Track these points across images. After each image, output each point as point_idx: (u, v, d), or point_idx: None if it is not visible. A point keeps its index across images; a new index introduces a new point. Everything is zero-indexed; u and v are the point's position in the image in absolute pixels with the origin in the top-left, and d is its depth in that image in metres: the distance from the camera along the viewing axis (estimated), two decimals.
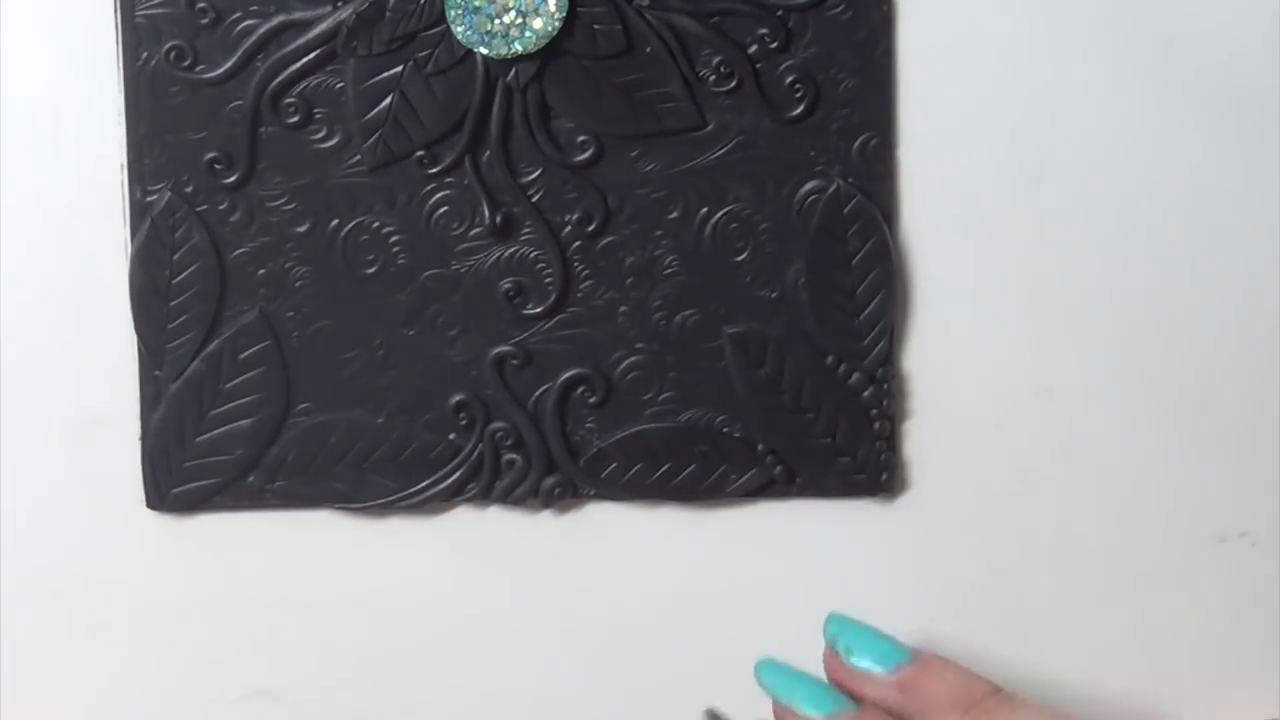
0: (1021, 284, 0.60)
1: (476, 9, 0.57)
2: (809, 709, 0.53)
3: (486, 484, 0.60)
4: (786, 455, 0.60)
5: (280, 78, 0.58)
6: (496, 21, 0.57)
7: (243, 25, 0.58)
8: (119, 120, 0.58)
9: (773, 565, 0.61)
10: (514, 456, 0.60)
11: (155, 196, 0.59)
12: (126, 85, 0.58)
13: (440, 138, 0.58)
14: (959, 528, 0.61)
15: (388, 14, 0.57)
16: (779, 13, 0.58)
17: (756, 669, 0.54)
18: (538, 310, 0.59)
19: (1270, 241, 0.60)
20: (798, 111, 0.59)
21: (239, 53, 0.58)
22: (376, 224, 0.59)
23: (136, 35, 0.58)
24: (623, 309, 0.60)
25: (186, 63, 0.58)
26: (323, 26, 0.58)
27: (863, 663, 0.54)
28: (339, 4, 0.58)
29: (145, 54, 0.58)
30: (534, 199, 0.59)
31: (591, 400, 0.60)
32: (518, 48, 0.57)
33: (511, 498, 0.60)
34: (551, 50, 0.57)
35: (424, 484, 0.60)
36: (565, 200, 0.59)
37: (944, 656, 0.53)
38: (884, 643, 0.54)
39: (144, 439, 0.59)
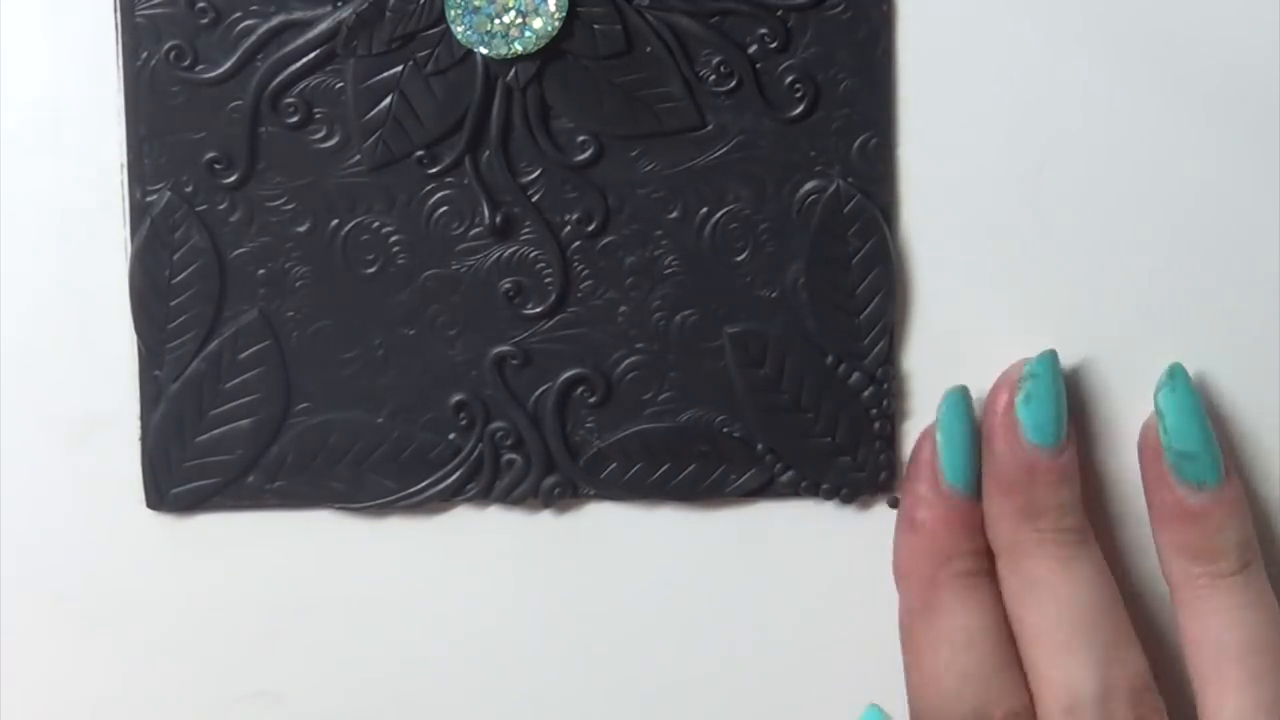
0: (1022, 284, 0.60)
1: (476, 9, 0.57)
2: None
3: (486, 484, 0.60)
4: (786, 455, 0.60)
5: (280, 78, 0.58)
6: (496, 21, 0.57)
7: (243, 25, 0.58)
8: (119, 120, 0.58)
9: (773, 565, 0.61)
10: (514, 456, 0.60)
11: (155, 196, 0.59)
12: (126, 85, 0.58)
13: (440, 138, 0.58)
14: None
15: (388, 14, 0.57)
16: (779, 13, 0.58)
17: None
18: (538, 310, 0.59)
19: (1271, 241, 0.60)
20: (798, 111, 0.59)
21: (239, 53, 0.58)
22: (376, 224, 0.59)
23: (136, 35, 0.58)
24: (623, 309, 0.60)
25: (186, 63, 0.58)
26: (323, 26, 0.58)
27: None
28: (339, 4, 0.58)
29: (145, 54, 0.58)
30: (534, 199, 0.59)
31: (591, 400, 0.60)
32: (518, 48, 0.57)
33: (511, 498, 0.60)
34: (551, 50, 0.58)
35: (424, 484, 0.60)
36: (565, 200, 0.59)
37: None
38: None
39: (144, 439, 0.59)
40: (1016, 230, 0.60)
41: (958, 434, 0.56)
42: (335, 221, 0.59)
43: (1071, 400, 0.60)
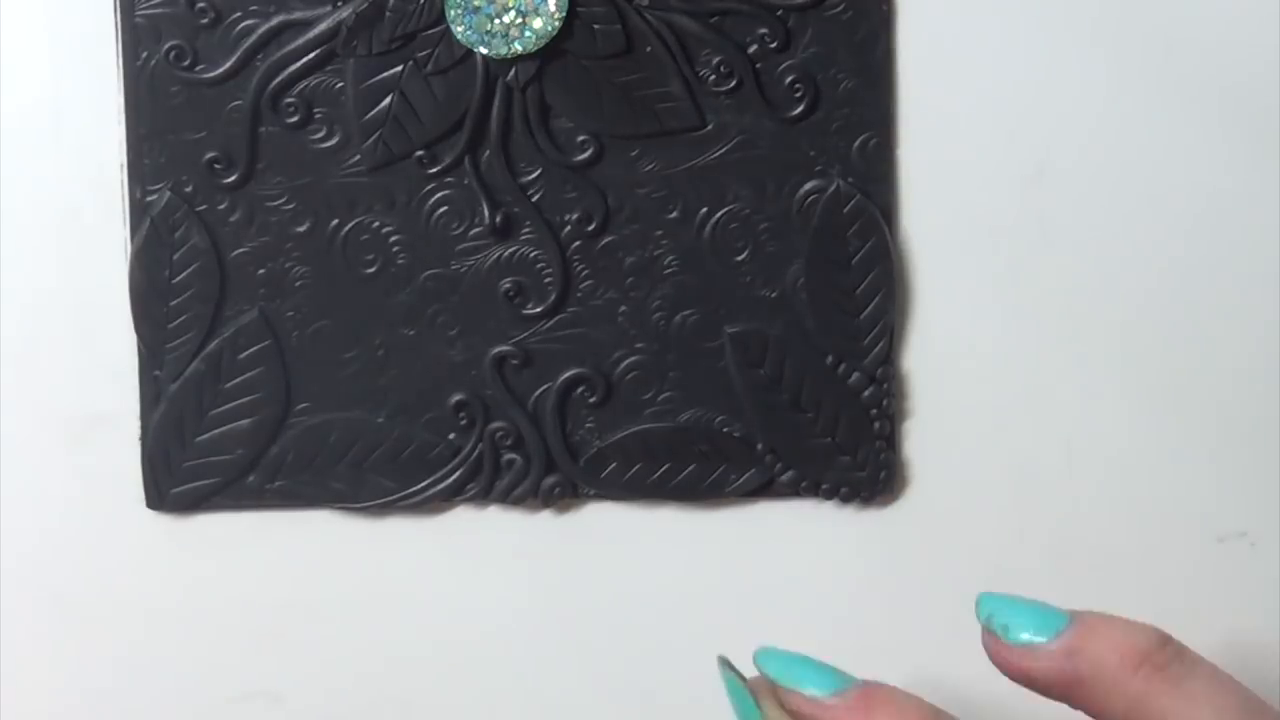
0: (1022, 284, 0.60)
1: (476, 9, 0.57)
2: (815, 690, 0.52)
3: (486, 484, 0.60)
4: (786, 455, 0.60)
5: (280, 78, 0.58)
6: (496, 21, 0.57)
7: (243, 25, 0.58)
8: (119, 120, 0.58)
9: (773, 565, 0.61)
10: (514, 456, 0.60)
11: (155, 196, 0.59)
12: (126, 85, 0.58)
13: (440, 137, 0.58)
14: (959, 527, 0.61)
15: (388, 14, 0.57)
16: (779, 13, 0.58)
17: (756, 657, 0.53)
18: (538, 310, 0.59)
19: (1271, 242, 0.60)
20: (798, 111, 0.59)
21: (239, 53, 0.58)
22: (376, 224, 0.59)
23: (136, 35, 0.58)
24: (623, 309, 0.60)
25: (186, 63, 0.58)
26: (322, 26, 0.58)
27: (1023, 636, 0.51)
28: (339, 4, 0.58)
29: (145, 54, 0.58)
30: (534, 199, 0.59)
31: (591, 400, 0.60)
32: (517, 47, 0.57)
33: (511, 498, 0.60)
34: (551, 50, 0.57)
35: (424, 484, 0.60)
36: (565, 200, 0.59)
37: (1105, 614, 0.51)
38: (1040, 611, 0.50)
39: (144, 439, 0.59)
40: (1016, 230, 0.60)
41: (795, 661, 0.52)
42: (335, 221, 0.59)
43: (1071, 399, 0.60)
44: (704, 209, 0.59)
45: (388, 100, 0.58)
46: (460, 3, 0.57)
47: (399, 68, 0.58)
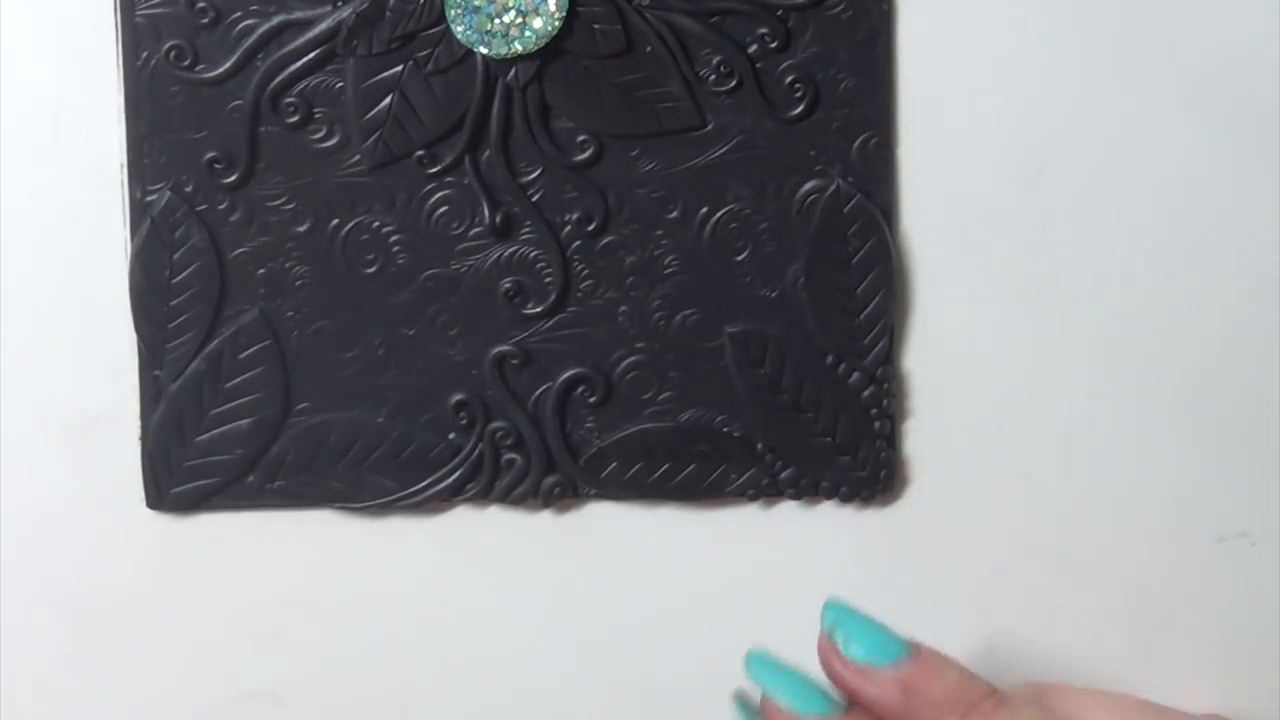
0: (1021, 283, 0.60)
1: (476, 8, 0.57)
2: (798, 707, 0.52)
3: (486, 484, 0.60)
4: (786, 455, 0.60)
5: (280, 77, 0.58)
6: (496, 21, 0.57)
7: (243, 25, 0.58)
8: (119, 120, 0.58)
9: (773, 565, 0.61)
10: (514, 456, 0.60)
11: (155, 196, 0.59)
12: (126, 85, 0.58)
13: (440, 137, 0.58)
14: (959, 527, 0.61)
15: (388, 13, 0.57)
16: (779, 12, 0.58)
17: (747, 660, 0.54)
18: (538, 310, 0.59)
19: (1271, 242, 0.60)
20: (798, 111, 0.59)
21: (239, 52, 0.58)
22: (376, 224, 0.59)
23: (136, 35, 0.58)
24: (623, 309, 0.60)
25: (186, 62, 0.58)
26: (323, 26, 0.58)
27: (859, 653, 0.52)
28: (339, 4, 0.58)
29: (145, 54, 0.58)
30: (534, 199, 0.59)
31: (591, 400, 0.60)
32: (518, 47, 0.57)
33: (511, 497, 0.60)
34: (551, 50, 0.58)
35: (424, 484, 0.60)
36: (565, 200, 0.59)
37: (941, 653, 0.52)
38: (883, 635, 0.52)
39: (144, 439, 0.59)
40: (1016, 230, 0.60)
41: (784, 674, 0.52)
42: (335, 221, 0.59)
43: (1071, 399, 0.60)
44: (704, 209, 0.59)
45: (388, 100, 0.58)
46: (460, 3, 0.57)
47: (399, 68, 0.58)
